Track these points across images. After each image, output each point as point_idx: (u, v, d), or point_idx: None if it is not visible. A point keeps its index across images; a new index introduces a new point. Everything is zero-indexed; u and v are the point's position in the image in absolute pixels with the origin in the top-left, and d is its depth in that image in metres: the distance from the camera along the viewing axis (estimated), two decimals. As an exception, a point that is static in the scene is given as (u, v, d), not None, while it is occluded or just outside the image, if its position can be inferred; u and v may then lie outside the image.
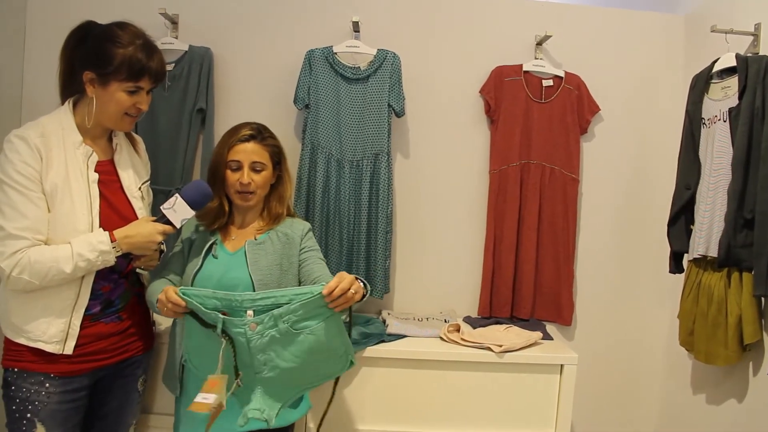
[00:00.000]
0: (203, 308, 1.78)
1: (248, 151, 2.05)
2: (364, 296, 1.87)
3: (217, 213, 2.11)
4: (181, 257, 2.13)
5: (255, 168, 2.05)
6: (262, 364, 1.81)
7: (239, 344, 1.79)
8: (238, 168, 2.05)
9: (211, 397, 1.71)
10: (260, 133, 2.09)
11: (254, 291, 1.95)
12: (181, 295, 1.78)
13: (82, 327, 1.85)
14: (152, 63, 1.88)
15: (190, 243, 2.13)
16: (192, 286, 2.00)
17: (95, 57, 1.84)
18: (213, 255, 2.06)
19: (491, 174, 2.87)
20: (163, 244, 1.99)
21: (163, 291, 1.82)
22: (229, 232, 2.13)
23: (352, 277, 1.78)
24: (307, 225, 2.19)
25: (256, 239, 2.08)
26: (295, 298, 1.77)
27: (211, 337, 1.80)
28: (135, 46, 1.85)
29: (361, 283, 1.85)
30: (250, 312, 1.78)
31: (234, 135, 2.07)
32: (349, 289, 1.75)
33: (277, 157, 2.13)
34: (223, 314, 1.78)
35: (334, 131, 2.72)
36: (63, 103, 1.94)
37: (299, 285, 2.08)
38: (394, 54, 2.74)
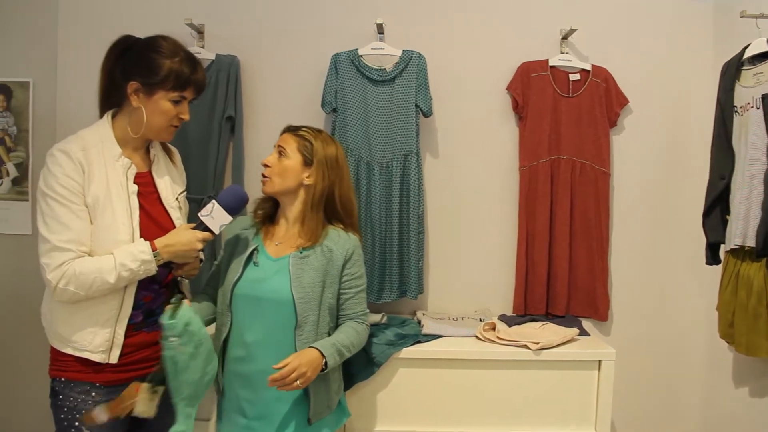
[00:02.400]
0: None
1: (281, 138, 2.10)
2: (322, 370, 1.93)
3: (265, 202, 2.15)
4: (219, 269, 2.15)
5: (279, 152, 2.06)
6: None
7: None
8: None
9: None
10: (299, 127, 2.11)
11: (294, 307, 1.96)
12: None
13: (125, 336, 1.88)
14: (196, 75, 1.93)
15: (232, 249, 2.13)
16: (232, 295, 2.01)
17: (141, 67, 1.88)
18: (254, 262, 2.05)
19: (521, 171, 2.86)
20: (202, 252, 2.01)
21: None
22: (273, 233, 2.11)
23: (307, 363, 1.86)
24: (352, 243, 2.09)
25: (300, 252, 2.04)
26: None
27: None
28: (180, 57, 1.89)
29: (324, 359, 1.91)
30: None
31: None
32: (304, 373, 1.85)
33: (308, 153, 2.06)
34: None
35: (363, 134, 2.72)
36: (101, 116, 1.97)
37: (337, 307, 2.08)
38: (420, 54, 2.74)
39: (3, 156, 2.91)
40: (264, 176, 2.06)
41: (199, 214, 1.94)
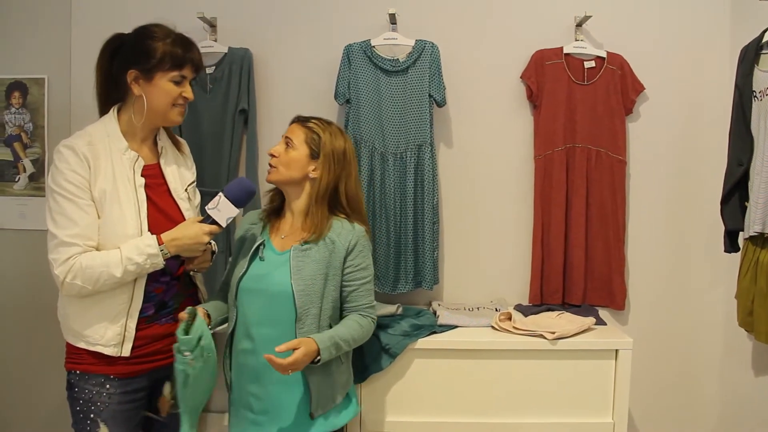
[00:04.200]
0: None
1: (290, 128, 2.09)
2: (314, 361, 1.91)
3: (275, 194, 2.15)
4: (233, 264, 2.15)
5: (286, 143, 2.05)
6: None
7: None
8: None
9: None
10: (309, 119, 2.10)
11: (294, 300, 1.95)
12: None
13: (138, 329, 1.89)
14: (191, 53, 1.94)
15: (241, 245, 2.14)
16: (238, 289, 2.02)
17: (137, 54, 1.90)
18: (260, 257, 2.05)
19: (536, 159, 2.84)
20: (211, 244, 2.02)
21: None
22: (280, 228, 2.11)
23: (297, 357, 1.83)
24: (356, 234, 2.06)
25: (302, 245, 2.03)
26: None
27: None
28: (171, 38, 1.92)
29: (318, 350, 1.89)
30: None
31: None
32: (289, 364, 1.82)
33: (316, 146, 2.04)
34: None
35: (376, 125, 2.72)
36: (101, 115, 1.99)
37: (341, 298, 2.07)
38: (433, 44, 2.72)
39: (20, 152, 2.93)
40: (270, 165, 2.06)
41: (206, 207, 1.94)
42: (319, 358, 1.89)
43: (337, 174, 2.06)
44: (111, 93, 1.97)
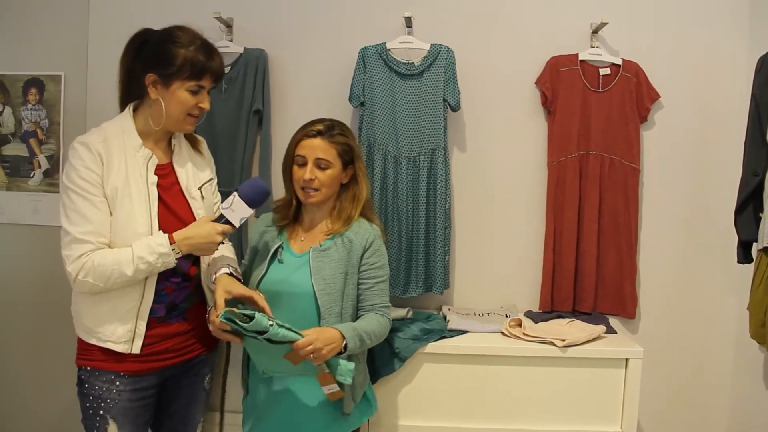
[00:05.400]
0: (244, 331, 1.81)
1: (314, 147, 2.02)
2: (340, 353, 1.91)
3: (286, 207, 2.13)
4: (249, 267, 2.15)
5: (320, 165, 2.01)
6: None
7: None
8: (304, 164, 2.02)
9: (334, 387, 1.91)
10: (330, 130, 2.04)
11: (316, 300, 1.96)
12: (223, 319, 1.79)
13: (149, 328, 1.90)
14: (212, 62, 1.92)
15: (257, 248, 2.14)
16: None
17: (157, 59, 1.89)
18: (278, 260, 2.06)
19: (549, 166, 2.83)
20: (224, 244, 2.02)
21: (209, 311, 1.87)
22: (297, 232, 2.12)
23: (324, 340, 1.84)
24: (373, 233, 2.10)
25: (321, 245, 2.04)
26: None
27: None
28: (195, 46, 1.89)
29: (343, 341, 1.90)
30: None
31: (303, 130, 2.06)
32: (319, 349, 1.82)
33: (348, 156, 2.07)
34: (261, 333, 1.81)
35: (390, 128, 2.72)
36: (122, 110, 1.99)
37: (357, 298, 2.08)
38: (448, 48, 2.72)
39: (35, 148, 2.95)
40: (311, 189, 2.03)
41: (220, 207, 1.94)
42: (345, 344, 1.89)
43: (365, 170, 2.12)
44: (132, 89, 1.98)
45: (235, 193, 1.94)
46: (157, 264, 1.84)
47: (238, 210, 1.92)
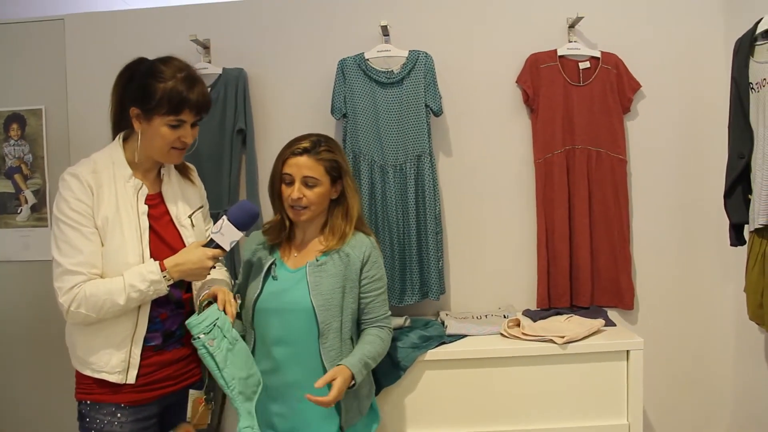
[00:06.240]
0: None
1: (300, 165, 2.00)
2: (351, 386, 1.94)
3: (277, 228, 2.11)
4: (244, 286, 2.14)
5: (307, 183, 1.99)
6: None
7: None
8: (291, 182, 2.01)
9: None
10: (315, 147, 2.01)
11: (315, 316, 1.96)
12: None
13: (145, 357, 1.88)
14: (191, 95, 1.88)
15: (250, 266, 2.12)
16: (254, 311, 2.02)
17: (139, 93, 1.87)
18: (273, 276, 2.05)
19: (536, 164, 2.83)
20: (215, 268, 2.01)
21: None
22: (290, 249, 2.11)
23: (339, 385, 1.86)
24: (370, 245, 2.09)
25: (317, 260, 2.03)
26: None
27: None
28: (176, 79, 1.86)
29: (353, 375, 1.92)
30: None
31: (289, 148, 2.04)
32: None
33: (336, 172, 2.05)
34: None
35: (374, 137, 2.71)
36: (114, 138, 1.98)
37: (358, 311, 2.07)
38: (426, 53, 2.72)
39: (21, 184, 2.94)
40: (298, 207, 2.01)
41: (210, 231, 1.94)
42: (354, 382, 1.91)
43: (357, 186, 2.11)
44: (123, 120, 1.96)
45: (224, 216, 1.93)
46: (149, 292, 1.82)
47: (227, 234, 1.91)
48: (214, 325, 1.82)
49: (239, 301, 1.97)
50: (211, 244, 1.90)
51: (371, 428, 2.15)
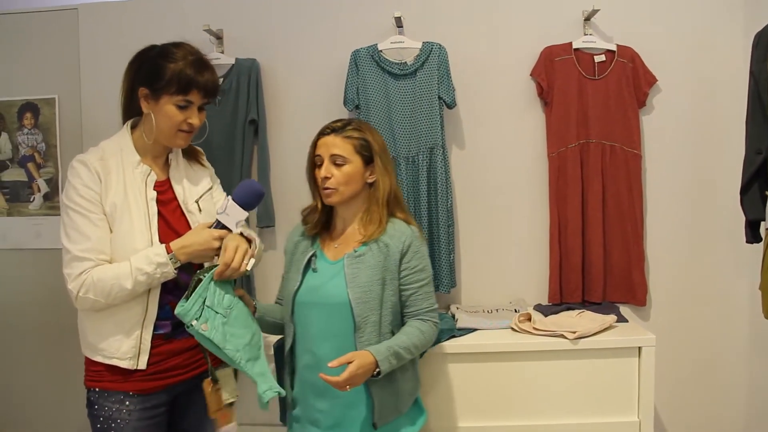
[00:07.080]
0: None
1: (328, 144, 1.98)
2: (374, 376, 1.87)
3: (313, 214, 2.08)
4: (286, 278, 2.12)
5: (335, 162, 1.96)
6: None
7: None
8: (321, 163, 1.99)
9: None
10: (344, 126, 2.00)
11: (351, 309, 1.91)
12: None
13: (155, 345, 1.88)
14: (201, 77, 1.89)
15: (292, 259, 2.10)
16: (294, 304, 2.00)
17: (149, 73, 1.89)
18: (312, 269, 2.02)
19: (550, 157, 2.81)
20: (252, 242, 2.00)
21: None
22: (331, 239, 2.08)
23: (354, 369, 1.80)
24: (410, 234, 2.01)
25: (355, 251, 1.98)
26: None
27: None
28: (186, 61, 1.88)
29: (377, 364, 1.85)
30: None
31: (320, 130, 2.04)
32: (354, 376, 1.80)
33: (367, 151, 2.00)
34: None
35: (387, 129, 2.70)
36: (123, 124, 1.99)
37: (400, 302, 2.01)
38: (440, 45, 2.70)
39: (34, 172, 2.95)
40: (327, 188, 1.98)
41: (216, 212, 1.93)
42: (378, 370, 1.85)
43: (390, 170, 2.05)
44: (132, 106, 1.97)
45: (229, 197, 1.93)
46: (156, 274, 1.82)
47: (232, 214, 1.90)
48: (203, 306, 1.79)
49: (257, 247, 1.93)
50: (217, 225, 1.90)
51: (417, 425, 2.09)
